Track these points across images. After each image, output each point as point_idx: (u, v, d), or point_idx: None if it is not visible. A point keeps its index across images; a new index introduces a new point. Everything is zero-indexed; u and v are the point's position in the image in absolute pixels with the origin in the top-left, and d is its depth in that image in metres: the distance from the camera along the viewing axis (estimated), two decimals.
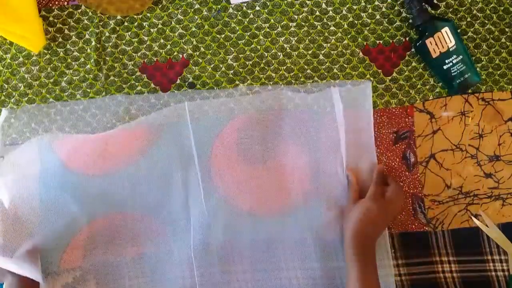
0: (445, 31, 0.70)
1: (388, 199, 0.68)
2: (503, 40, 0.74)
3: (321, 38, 0.74)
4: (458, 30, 0.73)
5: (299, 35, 0.74)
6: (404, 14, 0.75)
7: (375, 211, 0.67)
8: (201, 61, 0.74)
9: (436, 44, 0.71)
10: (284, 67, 0.74)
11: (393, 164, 0.74)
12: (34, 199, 0.69)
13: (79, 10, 0.74)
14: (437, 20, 0.71)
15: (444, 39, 0.70)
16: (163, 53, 0.74)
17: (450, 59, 0.71)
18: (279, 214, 0.71)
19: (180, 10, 0.74)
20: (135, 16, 0.74)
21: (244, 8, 0.74)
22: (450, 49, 0.71)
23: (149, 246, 0.71)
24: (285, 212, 0.72)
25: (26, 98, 0.73)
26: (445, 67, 0.71)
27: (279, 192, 0.72)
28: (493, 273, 0.73)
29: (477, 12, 0.74)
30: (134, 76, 0.74)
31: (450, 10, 0.74)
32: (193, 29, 0.74)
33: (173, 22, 0.74)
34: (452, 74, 0.71)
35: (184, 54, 0.74)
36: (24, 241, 0.67)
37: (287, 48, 0.74)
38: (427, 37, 0.71)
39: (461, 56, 0.71)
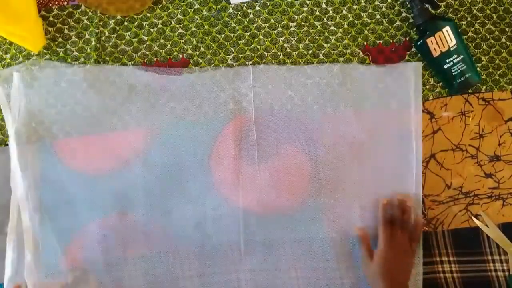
0: (446, 31, 0.70)
1: (402, 235, 0.67)
2: (503, 40, 0.74)
3: (321, 38, 0.74)
4: (459, 30, 0.73)
5: (299, 35, 0.74)
6: (404, 14, 0.74)
7: (392, 258, 0.65)
8: (201, 61, 0.74)
9: (437, 44, 0.71)
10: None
11: None
12: (34, 199, 0.70)
13: (79, 10, 0.74)
14: (438, 19, 0.71)
15: (445, 39, 0.70)
16: (163, 53, 0.74)
17: (451, 59, 0.71)
18: (278, 214, 0.71)
19: (180, 10, 0.74)
20: (135, 16, 0.74)
21: (244, 8, 0.74)
22: (451, 49, 0.70)
23: (149, 246, 0.71)
24: (285, 212, 0.72)
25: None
26: (445, 66, 0.71)
27: (279, 192, 0.72)
28: (493, 273, 0.73)
29: (477, 12, 0.74)
30: None
31: (451, 10, 0.74)
32: (193, 29, 0.74)
33: (173, 22, 0.74)
34: (453, 73, 0.71)
35: (184, 54, 0.74)
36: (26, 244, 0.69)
37: (287, 48, 0.74)
38: (428, 36, 0.71)
39: (461, 56, 0.71)
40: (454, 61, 0.71)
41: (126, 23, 0.74)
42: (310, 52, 0.74)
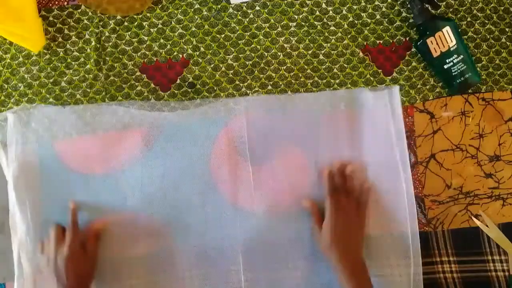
0: (446, 31, 0.70)
1: (348, 202, 0.67)
2: (503, 40, 0.74)
3: (321, 38, 0.74)
4: (459, 30, 0.73)
5: (299, 35, 0.74)
6: (404, 14, 0.74)
7: (340, 226, 0.66)
8: (201, 61, 0.74)
9: (437, 44, 0.71)
10: (284, 67, 0.74)
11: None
12: (34, 199, 0.70)
13: (79, 10, 0.74)
14: (439, 19, 0.71)
15: (445, 39, 0.70)
16: (163, 53, 0.74)
17: (451, 59, 0.71)
18: (277, 214, 0.71)
19: (180, 10, 0.74)
20: (135, 16, 0.74)
21: (244, 8, 0.74)
22: (451, 49, 0.71)
23: (150, 246, 0.71)
24: (284, 212, 0.72)
25: (26, 98, 0.73)
26: (445, 66, 0.71)
27: (278, 193, 0.72)
28: (493, 273, 0.73)
29: (477, 12, 0.74)
30: (134, 76, 0.74)
31: (451, 10, 0.74)
32: (193, 29, 0.74)
33: (173, 22, 0.74)
34: (453, 73, 0.71)
35: (184, 54, 0.74)
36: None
37: (287, 48, 0.74)
38: (428, 36, 0.71)
39: (461, 56, 0.71)
40: (454, 61, 0.71)
41: (126, 23, 0.74)
42: (310, 52, 0.74)
